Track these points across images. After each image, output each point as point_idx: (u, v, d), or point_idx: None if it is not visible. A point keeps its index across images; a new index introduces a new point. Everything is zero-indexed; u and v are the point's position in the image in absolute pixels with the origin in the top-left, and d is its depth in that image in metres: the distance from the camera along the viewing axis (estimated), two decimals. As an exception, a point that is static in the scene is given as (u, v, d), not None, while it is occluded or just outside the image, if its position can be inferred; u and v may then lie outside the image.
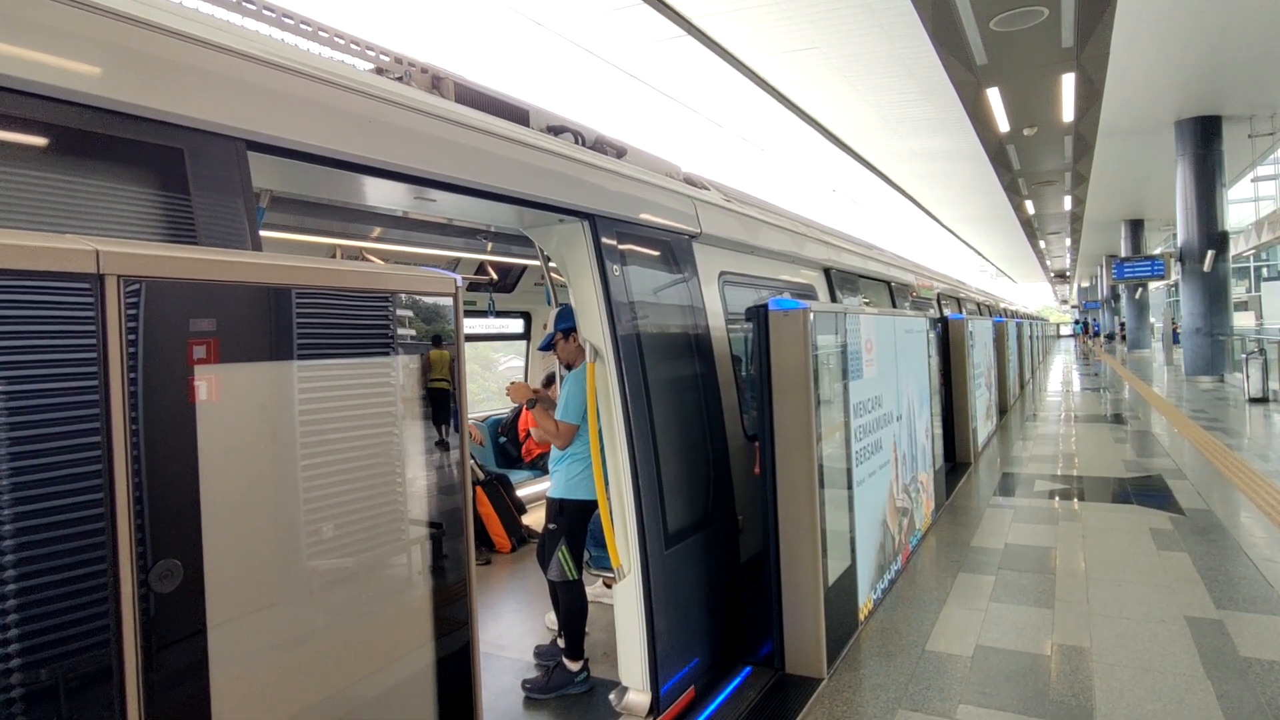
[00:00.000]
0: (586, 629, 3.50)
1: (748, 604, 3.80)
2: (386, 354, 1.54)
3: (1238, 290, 28.26)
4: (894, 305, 8.67)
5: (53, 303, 0.97)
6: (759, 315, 3.46)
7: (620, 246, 3.32)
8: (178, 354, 1.11)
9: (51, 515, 0.97)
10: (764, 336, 3.47)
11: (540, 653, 3.75)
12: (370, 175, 2.22)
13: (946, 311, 12.05)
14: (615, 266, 3.24)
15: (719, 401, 3.84)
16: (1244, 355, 12.92)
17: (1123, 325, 36.53)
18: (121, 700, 1.01)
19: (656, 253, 3.67)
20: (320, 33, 2.75)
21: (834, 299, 6.25)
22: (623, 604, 3.08)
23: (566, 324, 3.73)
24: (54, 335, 0.97)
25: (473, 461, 5.85)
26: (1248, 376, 12.43)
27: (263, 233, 1.93)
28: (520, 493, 6.04)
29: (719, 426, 3.79)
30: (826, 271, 6.33)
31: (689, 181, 4.69)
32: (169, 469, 1.09)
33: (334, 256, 4.60)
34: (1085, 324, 54.96)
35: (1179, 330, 20.33)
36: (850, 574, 3.83)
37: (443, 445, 1.64)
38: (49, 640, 0.96)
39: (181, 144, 1.62)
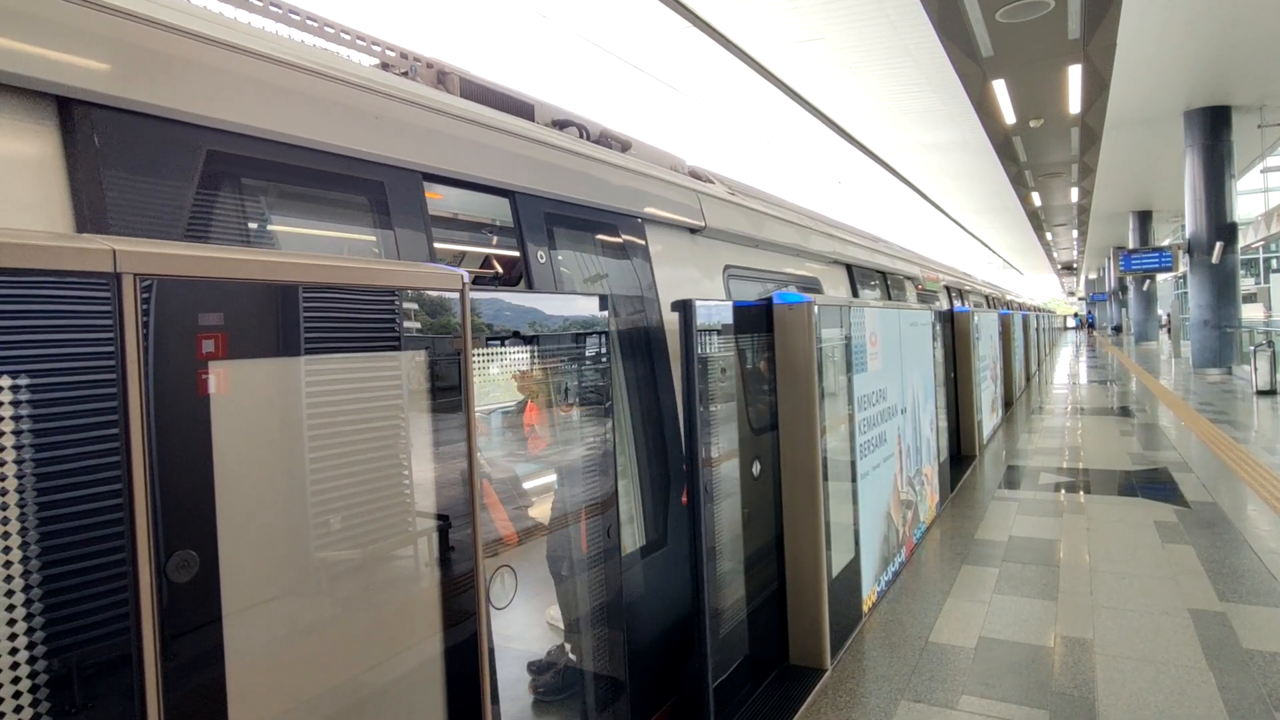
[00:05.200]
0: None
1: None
2: (393, 349, 1.56)
3: (1246, 282, 28.07)
4: (898, 299, 8.67)
5: (71, 298, 1.00)
6: (684, 309, 2.96)
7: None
8: (192, 350, 1.14)
9: (73, 506, 1.00)
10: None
11: (538, 668, 3.52)
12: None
13: (956, 303, 12.03)
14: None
15: None
16: (1252, 347, 12.87)
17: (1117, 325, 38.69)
18: (141, 685, 1.05)
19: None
20: (326, 28, 2.77)
21: (855, 294, 6.28)
22: None
23: None
24: (73, 331, 1.00)
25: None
26: (1255, 369, 12.38)
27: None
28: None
29: None
30: (846, 267, 6.35)
31: (694, 175, 4.69)
32: (185, 463, 1.12)
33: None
34: (1082, 318, 60.11)
35: (1171, 323, 20.26)
36: (854, 566, 3.85)
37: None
38: (71, 627, 1.00)
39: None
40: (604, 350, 2.67)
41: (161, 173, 1.65)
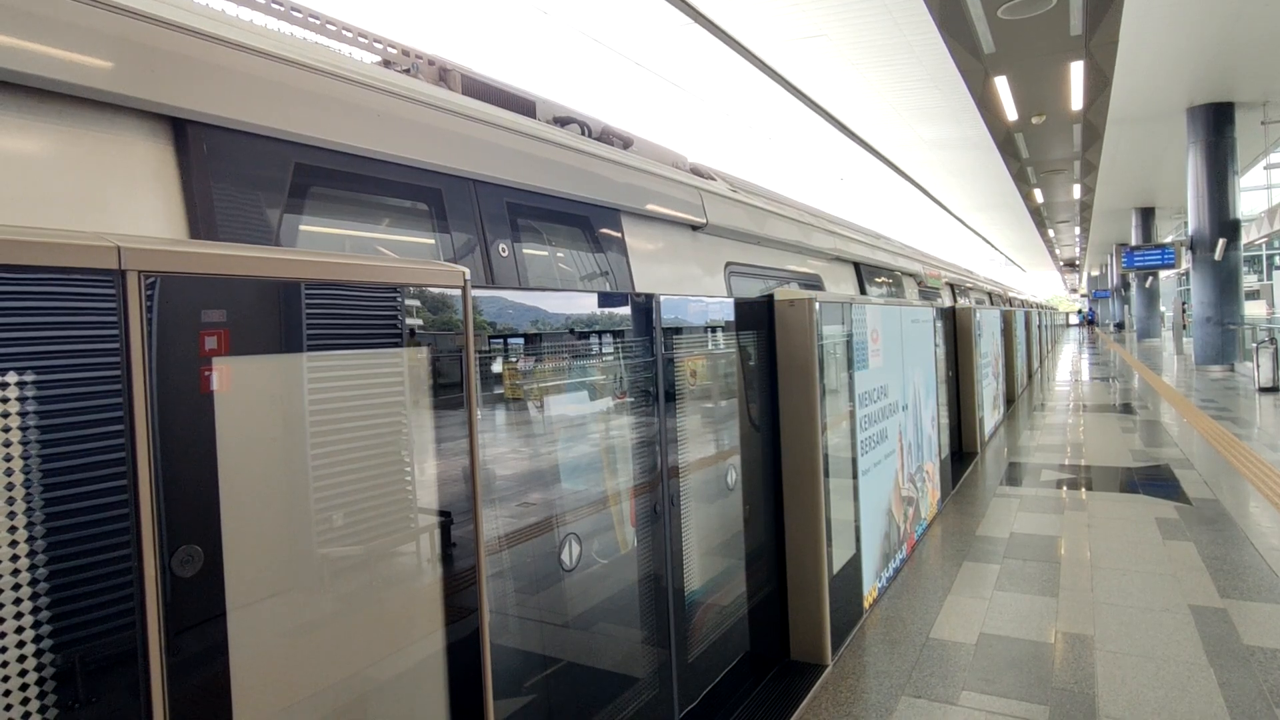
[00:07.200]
0: None
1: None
2: (394, 346, 1.57)
3: (1249, 279, 28.03)
4: (900, 295, 8.68)
5: (76, 295, 1.01)
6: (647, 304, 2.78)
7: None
8: (196, 347, 1.15)
9: (79, 502, 1.01)
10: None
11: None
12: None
13: (962, 301, 12.02)
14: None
15: None
16: (1254, 344, 12.86)
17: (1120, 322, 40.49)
18: (146, 679, 1.06)
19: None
20: (329, 25, 2.77)
21: (863, 291, 6.28)
22: None
23: None
24: (78, 328, 1.01)
25: None
26: (1258, 366, 12.37)
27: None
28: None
29: None
30: (855, 265, 6.36)
31: (695, 171, 4.69)
32: (189, 458, 1.13)
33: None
34: (1085, 315, 64.37)
35: (1182, 320, 20.29)
36: (855, 563, 3.86)
37: None
38: (77, 622, 1.01)
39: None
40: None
41: (260, 183, 1.93)
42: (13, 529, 0.95)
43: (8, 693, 0.94)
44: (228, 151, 1.87)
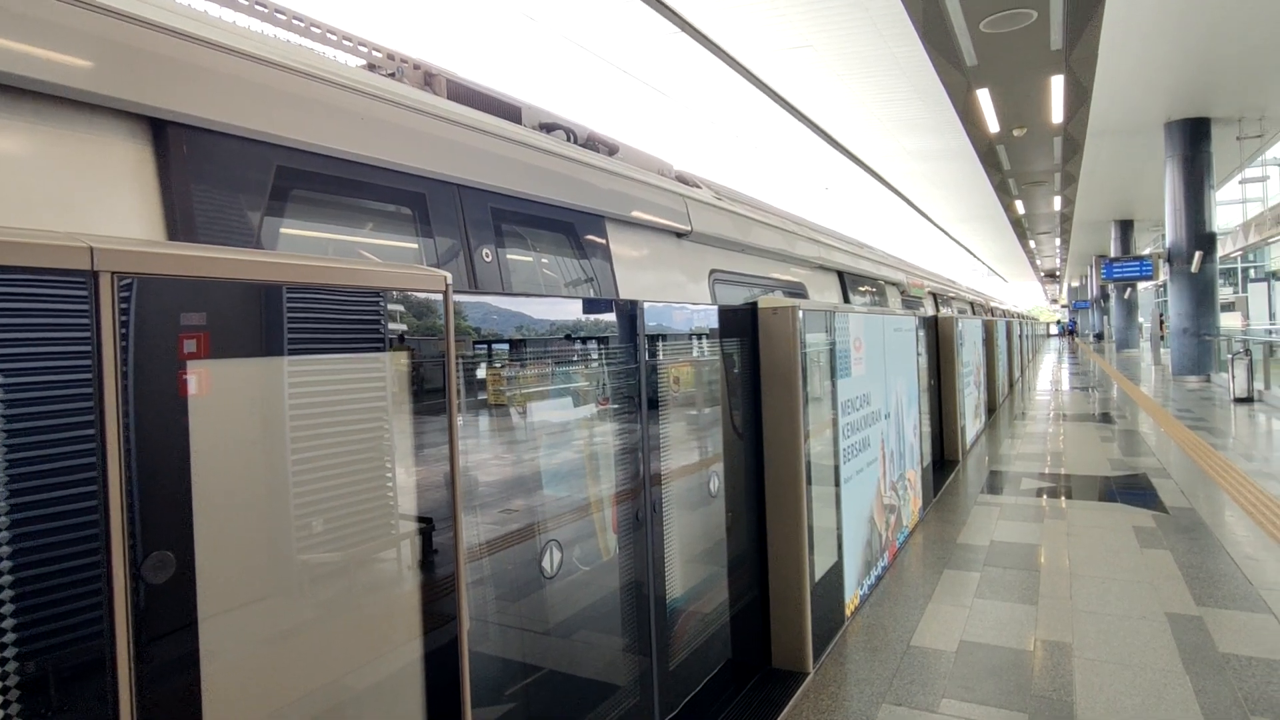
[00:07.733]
0: None
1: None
2: (374, 350, 1.56)
3: (1225, 291, 28.51)
4: (883, 304, 8.74)
5: (46, 297, 0.99)
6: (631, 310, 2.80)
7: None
8: (170, 350, 1.13)
9: (47, 507, 0.99)
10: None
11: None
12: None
13: (944, 310, 12.12)
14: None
15: None
16: (1230, 355, 13.06)
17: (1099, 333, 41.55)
18: (114, 688, 1.03)
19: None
20: (313, 28, 2.76)
21: (847, 299, 6.32)
22: None
23: None
24: (47, 330, 0.99)
25: None
26: (1233, 376, 12.56)
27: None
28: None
29: None
30: (838, 273, 6.40)
31: (681, 179, 4.71)
32: (161, 463, 1.11)
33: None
34: (1063, 326, 66.42)
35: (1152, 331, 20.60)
36: (837, 570, 3.87)
37: None
38: (43, 630, 0.98)
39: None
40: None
41: (240, 185, 1.91)
42: None
43: None
44: (208, 153, 1.85)
